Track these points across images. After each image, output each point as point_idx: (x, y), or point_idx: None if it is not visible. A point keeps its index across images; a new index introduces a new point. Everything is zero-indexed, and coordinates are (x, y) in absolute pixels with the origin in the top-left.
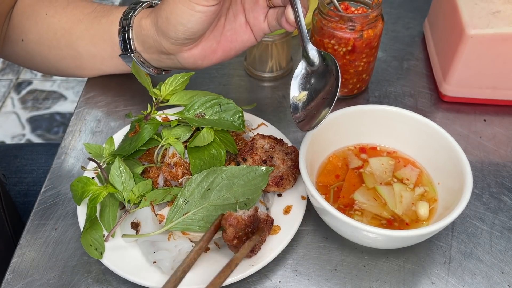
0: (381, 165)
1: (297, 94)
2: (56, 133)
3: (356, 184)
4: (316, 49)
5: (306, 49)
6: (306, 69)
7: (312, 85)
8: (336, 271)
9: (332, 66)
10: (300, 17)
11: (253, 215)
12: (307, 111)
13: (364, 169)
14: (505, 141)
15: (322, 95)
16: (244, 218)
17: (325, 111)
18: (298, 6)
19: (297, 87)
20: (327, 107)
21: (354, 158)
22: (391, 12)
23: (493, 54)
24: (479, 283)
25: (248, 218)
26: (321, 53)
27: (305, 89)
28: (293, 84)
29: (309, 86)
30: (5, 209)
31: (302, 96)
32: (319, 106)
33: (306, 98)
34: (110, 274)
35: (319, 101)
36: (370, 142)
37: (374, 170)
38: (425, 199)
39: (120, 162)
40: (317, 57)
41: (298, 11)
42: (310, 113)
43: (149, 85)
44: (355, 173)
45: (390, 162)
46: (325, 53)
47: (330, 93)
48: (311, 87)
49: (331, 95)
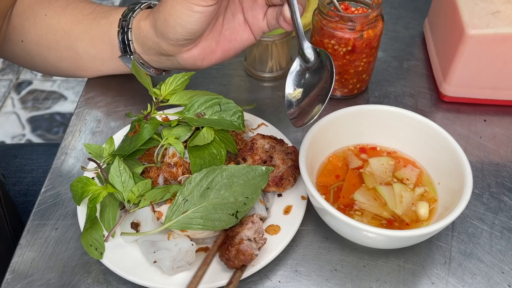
0: (381, 165)
1: (292, 91)
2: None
3: (356, 184)
4: (311, 46)
5: (302, 47)
6: (301, 65)
7: (307, 81)
8: (336, 271)
9: (326, 62)
10: (296, 14)
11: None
12: (301, 108)
13: (364, 169)
14: (505, 141)
15: (316, 92)
16: (256, 254)
17: (318, 107)
18: (295, 3)
19: (292, 83)
20: (320, 103)
21: (354, 158)
22: (391, 12)
23: (493, 54)
24: (479, 283)
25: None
26: (316, 50)
27: (299, 86)
28: (288, 81)
29: (303, 83)
30: (4, 209)
31: (297, 93)
32: (312, 102)
33: (300, 95)
34: (110, 274)
35: (313, 97)
36: (370, 142)
37: (374, 170)
38: (425, 199)
39: (119, 162)
40: (312, 54)
41: (294, 8)
42: (304, 109)
43: (149, 85)
44: (355, 173)
45: (390, 162)
46: (320, 50)
47: (324, 89)
48: (305, 83)
49: (325, 91)
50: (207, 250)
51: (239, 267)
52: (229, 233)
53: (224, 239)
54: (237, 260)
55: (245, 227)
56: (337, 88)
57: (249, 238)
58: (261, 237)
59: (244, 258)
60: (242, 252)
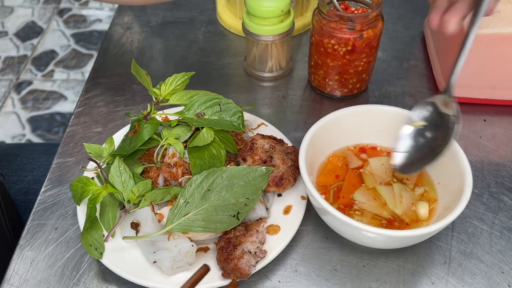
0: (381, 165)
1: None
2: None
3: (356, 184)
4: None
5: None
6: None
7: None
8: (336, 271)
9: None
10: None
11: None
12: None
13: (364, 169)
14: (505, 141)
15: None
16: (251, 272)
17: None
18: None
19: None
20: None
21: (354, 158)
22: (391, 12)
23: (493, 54)
24: (479, 283)
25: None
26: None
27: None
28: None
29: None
30: (3, 209)
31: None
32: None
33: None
34: (110, 274)
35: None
36: (370, 142)
37: (374, 170)
38: (425, 199)
39: (119, 162)
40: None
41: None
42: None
43: (149, 85)
44: (355, 173)
45: (390, 162)
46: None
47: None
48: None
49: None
50: (207, 250)
51: (233, 280)
52: (231, 237)
53: (203, 272)
54: (233, 275)
55: (249, 238)
56: (337, 88)
57: (249, 251)
58: (262, 249)
59: (241, 276)
60: (239, 270)
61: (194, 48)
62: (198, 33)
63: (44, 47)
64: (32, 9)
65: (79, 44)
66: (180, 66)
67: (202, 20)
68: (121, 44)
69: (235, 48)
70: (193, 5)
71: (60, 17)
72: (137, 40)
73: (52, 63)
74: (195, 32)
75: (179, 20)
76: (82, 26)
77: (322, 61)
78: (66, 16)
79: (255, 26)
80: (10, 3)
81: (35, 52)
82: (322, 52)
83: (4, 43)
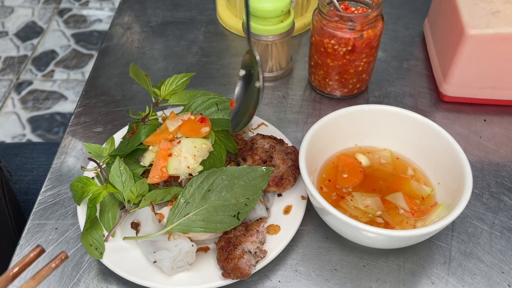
0: (381, 165)
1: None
2: (56, 133)
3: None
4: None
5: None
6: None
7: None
8: (336, 271)
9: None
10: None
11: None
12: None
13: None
14: (505, 141)
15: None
16: (251, 272)
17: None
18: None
19: None
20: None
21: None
22: (391, 12)
23: (493, 54)
24: (479, 283)
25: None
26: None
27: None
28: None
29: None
30: (8, 206)
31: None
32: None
33: None
34: (110, 274)
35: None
36: (370, 142)
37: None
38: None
39: (120, 162)
40: None
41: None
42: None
43: (149, 86)
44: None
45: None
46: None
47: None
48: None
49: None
50: (207, 250)
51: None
52: (231, 236)
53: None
54: (233, 275)
55: (249, 238)
56: (337, 88)
57: (250, 251)
58: (262, 249)
59: (241, 275)
60: (239, 270)
61: (194, 48)
62: (198, 33)
63: (44, 47)
64: (32, 9)
65: (79, 44)
66: (180, 66)
67: (202, 20)
68: (121, 44)
69: (235, 48)
70: (193, 5)
71: (60, 17)
72: (137, 40)
73: (52, 63)
74: (195, 32)
75: (179, 20)
76: (82, 26)
77: (322, 61)
78: (66, 16)
79: (255, 26)
80: (10, 3)
81: (35, 52)
82: (322, 52)
83: (4, 43)
